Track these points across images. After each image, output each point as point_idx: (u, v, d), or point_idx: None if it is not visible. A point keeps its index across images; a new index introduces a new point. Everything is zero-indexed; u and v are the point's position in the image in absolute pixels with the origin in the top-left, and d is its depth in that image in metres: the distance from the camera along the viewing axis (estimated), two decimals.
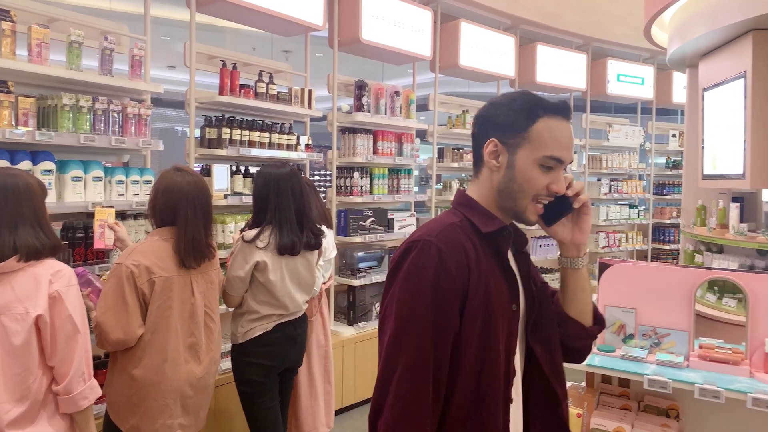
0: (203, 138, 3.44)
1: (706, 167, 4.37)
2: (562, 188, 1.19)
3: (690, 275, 1.99)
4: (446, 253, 1.12)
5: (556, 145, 1.17)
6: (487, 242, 1.19)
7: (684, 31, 4.18)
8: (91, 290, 2.20)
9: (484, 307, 1.13)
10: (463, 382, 1.13)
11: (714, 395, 1.75)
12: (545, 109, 1.18)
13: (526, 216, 1.21)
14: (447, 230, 1.17)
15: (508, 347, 1.18)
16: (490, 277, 1.16)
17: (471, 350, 1.12)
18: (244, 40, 8.90)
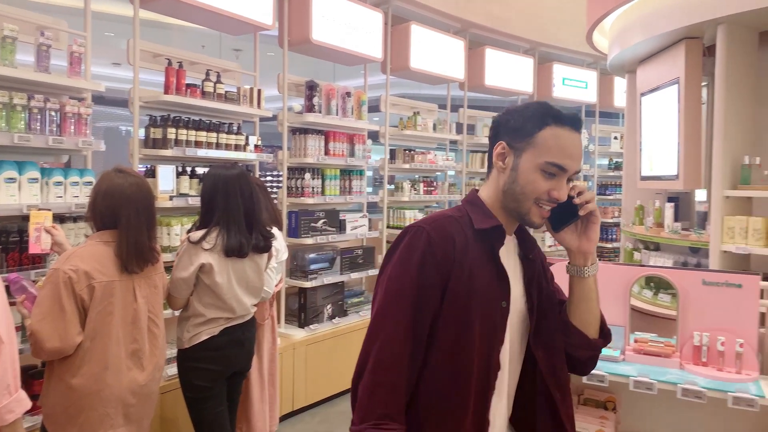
0: (148, 138, 3.35)
1: (643, 169, 4.57)
2: (562, 195, 1.23)
3: (625, 272, 2.08)
4: (435, 240, 1.21)
5: (559, 153, 1.22)
6: (480, 238, 1.25)
7: (623, 38, 4.36)
8: (26, 297, 2.11)
9: (464, 295, 1.21)
10: (436, 360, 1.21)
11: (647, 387, 1.84)
12: (554, 117, 1.23)
13: (529, 218, 1.25)
14: (442, 221, 1.26)
15: (491, 339, 1.24)
16: (477, 269, 1.23)
17: (447, 332, 1.21)
18: (192, 37, 8.69)
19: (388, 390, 1.17)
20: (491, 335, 1.24)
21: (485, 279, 1.23)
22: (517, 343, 1.32)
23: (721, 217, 3.39)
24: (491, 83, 6.05)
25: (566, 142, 1.22)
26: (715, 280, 1.94)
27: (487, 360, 1.23)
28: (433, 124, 5.60)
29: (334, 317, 4.45)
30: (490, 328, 1.24)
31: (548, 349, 1.31)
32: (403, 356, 1.18)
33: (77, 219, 2.85)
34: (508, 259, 1.31)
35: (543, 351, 1.31)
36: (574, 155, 1.23)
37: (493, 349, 1.24)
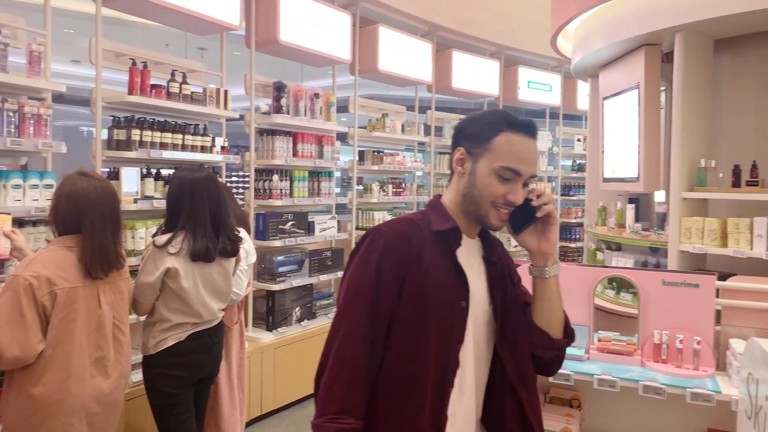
0: (111, 139, 3.28)
1: (606, 171, 4.70)
2: (518, 198, 1.28)
3: (589, 273, 2.14)
4: (392, 242, 1.27)
5: (513, 158, 1.27)
6: (438, 239, 1.31)
7: (586, 43, 4.48)
8: None
9: (420, 294, 1.26)
10: (392, 356, 1.26)
11: (610, 385, 1.89)
12: (509, 124, 1.29)
13: (488, 221, 1.31)
14: (401, 223, 1.32)
15: (449, 338, 1.28)
16: (434, 269, 1.28)
17: (403, 330, 1.26)
18: (156, 36, 8.52)
19: (346, 386, 1.22)
20: (449, 334, 1.28)
21: (442, 279, 1.28)
22: (482, 343, 1.35)
23: (678, 218, 3.52)
24: (458, 86, 6.12)
25: (520, 147, 1.28)
26: (674, 280, 2.01)
27: (445, 358, 1.27)
28: (401, 125, 5.63)
29: (302, 320, 4.43)
30: (448, 327, 1.28)
31: (514, 350, 1.35)
32: (361, 353, 1.24)
33: (37, 223, 2.77)
34: (471, 261, 1.35)
35: (508, 352, 1.34)
36: (529, 160, 1.28)
37: (451, 348, 1.28)
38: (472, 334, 1.32)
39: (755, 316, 1.96)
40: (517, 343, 1.36)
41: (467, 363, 1.32)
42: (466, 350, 1.31)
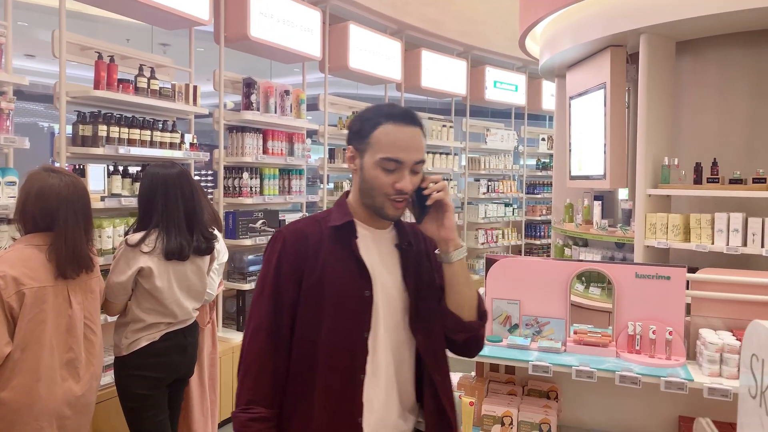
0: (76, 135, 3.17)
1: (573, 169, 4.81)
2: (405, 186, 1.31)
3: (565, 267, 2.18)
4: (289, 241, 1.36)
5: (391, 148, 1.31)
6: (336, 234, 1.37)
7: (553, 44, 4.57)
8: None
9: (316, 287, 1.33)
10: (298, 347, 1.34)
11: (588, 375, 1.94)
12: (386, 116, 1.33)
13: (385, 212, 1.35)
14: (300, 223, 1.41)
15: (354, 327, 1.34)
16: (332, 263, 1.35)
17: (303, 322, 1.34)
18: (117, 30, 8.27)
19: (254, 377, 1.33)
20: (353, 322, 1.34)
21: (339, 271, 1.34)
22: (397, 329, 1.39)
23: (644, 214, 3.63)
24: (427, 85, 6.16)
25: (398, 136, 1.32)
26: (646, 273, 2.08)
27: (352, 345, 1.33)
28: None
29: None
30: (351, 317, 1.34)
31: (428, 334, 1.40)
32: (265, 346, 1.33)
33: (2, 221, 2.65)
34: (380, 251, 1.41)
35: (422, 335, 1.40)
36: (409, 147, 1.32)
37: (357, 336, 1.34)
38: (383, 322, 1.37)
39: (723, 306, 2.04)
40: (432, 327, 1.41)
41: (379, 349, 1.36)
42: (377, 337, 1.36)
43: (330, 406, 1.32)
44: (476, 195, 7.23)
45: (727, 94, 3.79)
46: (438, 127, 6.52)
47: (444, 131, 6.58)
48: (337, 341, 1.33)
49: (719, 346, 1.90)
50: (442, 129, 6.56)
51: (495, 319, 2.27)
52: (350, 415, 1.32)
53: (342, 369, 1.33)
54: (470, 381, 2.28)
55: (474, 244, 7.12)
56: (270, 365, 1.33)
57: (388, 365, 1.37)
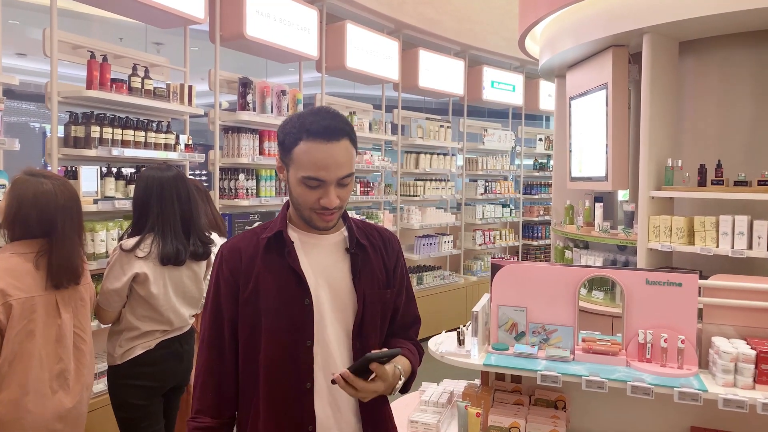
0: (68, 136, 3.09)
1: (573, 170, 4.76)
2: (330, 203, 1.28)
3: (573, 273, 2.12)
4: (225, 258, 1.38)
5: (312, 167, 1.26)
6: (270, 245, 1.36)
7: (553, 44, 4.52)
8: None
9: (252, 301, 1.33)
10: (243, 359, 1.36)
11: (598, 386, 1.88)
12: (307, 132, 1.27)
13: (314, 224, 1.34)
14: (238, 238, 1.41)
15: (296, 336, 1.32)
16: (265, 275, 1.34)
17: (243, 333, 1.35)
18: (109, 29, 8.17)
19: (201, 389, 1.37)
20: (294, 333, 1.32)
21: (272, 282, 1.33)
22: (349, 336, 1.38)
23: (647, 216, 3.58)
24: (425, 84, 6.10)
25: (318, 154, 1.26)
26: (657, 279, 2.02)
27: (294, 355, 1.32)
28: (368, 124, 5.56)
29: None
30: (291, 327, 1.32)
31: (364, 341, 1.39)
32: (209, 358, 1.37)
33: None
34: (325, 256, 1.38)
35: (360, 342, 1.38)
36: (329, 165, 1.26)
37: (300, 345, 1.32)
38: (331, 329, 1.35)
39: (737, 313, 1.99)
40: (369, 339, 1.39)
41: (329, 357, 1.35)
42: (325, 345, 1.34)
43: (275, 416, 1.32)
44: (474, 196, 7.18)
45: (732, 95, 3.74)
46: (435, 127, 6.46)
47: (441, 131, 6.52)
48: (276, 351, 1.32)
49: (733, 355, 1.84)
50: (439, 129, 6.50)
51: (501, 327, 2.21)
52: (299, 424, 1.31)
53: (284, 379, 1.32)
54: (475, 390, 2.22)
55: (471, 245, 7.06)
56: (213, 378, 1.36)
57: (319, 373, 1.35)
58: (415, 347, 1.54)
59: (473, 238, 7.10)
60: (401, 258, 1.52)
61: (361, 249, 1.42)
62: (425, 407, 2.36)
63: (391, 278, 1.46)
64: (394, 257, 1.49)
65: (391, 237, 1.52)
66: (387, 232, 1.53)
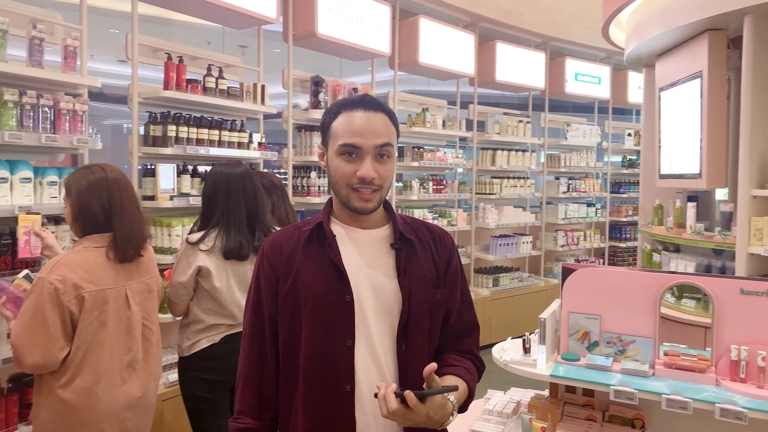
0: (147, 135, 3.23)
1: (663, 167, 4.40)
2: (366, 173, 1.24)
3: (655, 280, 1.92)
4: (266, 253, 1.35)
5: (348, 133, 1.25)
6: (310, 238, 1.32)
7: (641, 30, 4.19)
8: (6, 298, 1.99)
9: (291, 296, 1.29)
10: (284, 358, 1.32)
11: (681, 406, 1.68)
12: (344, 105, 1.29)
13: (352, 204, 1.28)
14: (280, 233, 1.38)
15: (335, 333, 1.26)
16: (306, 270, 1.29)
17: (284, 331, 1.31)
18: (197, 35, 8.59)
19: (242, 389, 1.35)
20: (333, 331, 1.27)
21: (315, 277, 1.28)
22: (394, 337, 1.30)
23: (747, 217, 3.22)
24: (502, 78, 5.89)
25: (354, 121, 1.25)
26: (754, 289, 1.78)
27: (333, 355, 1.26)
28: (442, 120, 5.45)
29: None
30: (330, 324, 1.27)
31: (411, 348, 1.30)
32: (249, 359, 1.34)
33: None
34: (369, 252, 1.32)
35: (405, 344, 1.30)
36: (364, 131, 1.24)
37: (338, 344, 1.26)
38: (374, 329, 1.28)
39: None
40: (415, 342, 1.31)
41: (371, 359, 1.27)
42: (368, 345, 1.27)
43: (314, 420, 1.27)
44: (556, 194, 6.86)
45: None
46: (514, 122, 6.23)
47: (520, 127, 6.28)
48: (315, 350, 1.27)
49: None
50: (518, 125, 6.26)
51: (572, 335, 2.04)
52: (339, 429, 1.26)
53: (323, 380, 1.26)
54: (543, 402, 2.07)
55: (553, 247, 6.75)
56: (254, 377, 1.33)
57: (384, 377, 1.28)
58: (473, 363, 1.42)
59: (555, 239, 6.78)
60: (455, 257, 1.42)
61: (407, 244, 1.34)
62: (489, 416, 2.23)
63: (441, 278, 1.37)
64: (446, 256, 1.39)
65: (443, 234, 1.43)
66: (438, 229, 1.44)
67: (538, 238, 6.75)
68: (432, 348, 1.37)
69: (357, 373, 1.26)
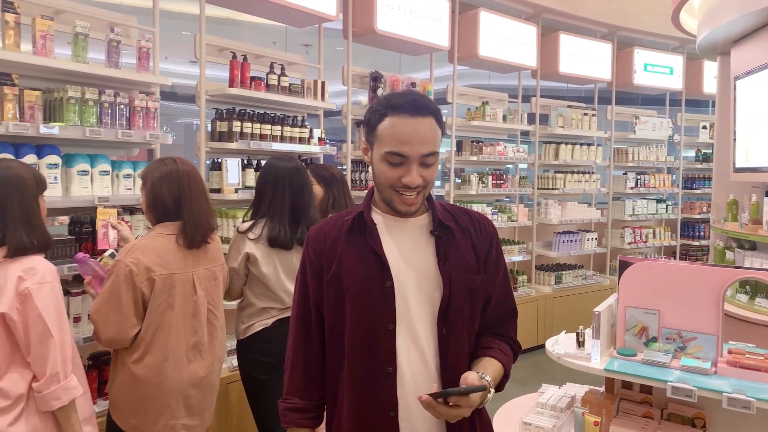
0: (214, 131, 3.39)
1: (738, 160, 4.16)
2: (411, 181, 1.26)
3: (718, 275, 1.85)
4: (311, 241, 1.41)
5: (395, 142, 1.26)
6: (353, 228, 1.37)
7: (714, 16, 3.98)
8: (93, 277, 2.17)
9: (335, 282, 1.34)
10: (329, 341, 1.38)
11: (744, 405, 1.61)
12: (392, 107, 1.27)
13: (395, 206, 1.32)
14: (324, 222, 1.44)
15: (377, 318, 1.30)
16: (348, 257, 1.34)
17: (328, 315, 1.37)
18: (263, 35, 8.87)
19: (290, 370, 1.42)
20: (375, 315, 1.31)
21: (357, 264, 1.33)
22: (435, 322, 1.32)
23: None
24: (566, 71, 5.74)
25: (402, 128, 1.25)
26: None
27: (376, 338, 1.30)
28: (502, 114, 5.38)
29: None
30: (372, 309, 1.31)
31: (452, 332, 1.33)
32: (297, 341, 1.42)
33: None
34: (409, 239, 1.35)
35: (446, 328, 1.33)
36: (412, 140, 1.25)
37: (379, 328, 1.30)
38: (416, 314, 1.31)
39: None
40: (456, 326, 1.33)
41: (412, 342, 1.31)
42: (409, 330, 1.31)
43: (359, 399, 1.32)
44: (623, 189, 6.61)
45: None
46: (578, 115, 6.05)
47: (585, 120, 6.10)
48: (358, 333, 1.32)
49: None
50: (582, 117, 6.08)
51: (628, 330, 1.99)
52: (381, 409, 1.30)
53: (366, 362, 1.32)
54: (597, 397, 2.03)
55: (620, 244, 6.51)
56: (301, 358, 1.41)
57: (425, 359, 1.32)
58: (509, 345, 1.44)
59: (621, 236, 6.54)
60: (496, 243, 1.44)
61: (446, 231, 1.37)
62: (542, 410, 2.22)
63: (482, 263, 1.39)
64: (486, 242, 1.41)
65: (483, 220, 1.45)
66: (479, 215, 1.46)
67: (603, 235, 6.53)
68: (473, 332, 1.39)
69: (398, 356, 1.30)
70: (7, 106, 2.39)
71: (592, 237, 6.15)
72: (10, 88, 2.40)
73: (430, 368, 1.32)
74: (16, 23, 2.43)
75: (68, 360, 1.80)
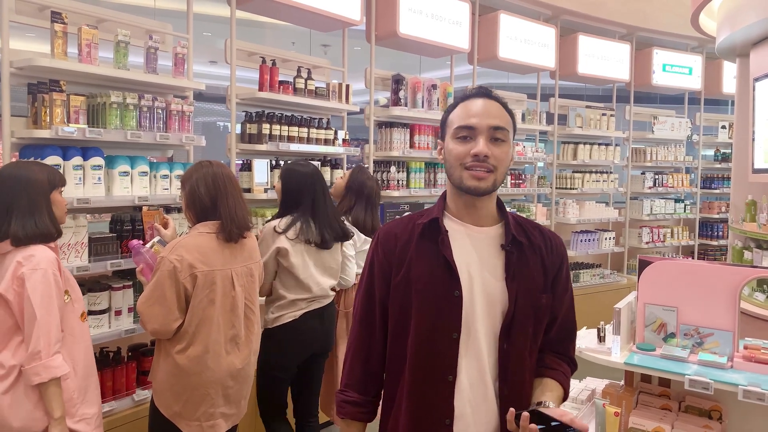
0: (244, 133, 3.52)
1: (756, 160, 4.20)
2: (480, 150, 1.28)
3: (735, 273, 1.92)
4: (381, 241, 1.43)
5: (464, 117, 1.32)
6: (425, 233, 1.38)
7: (734, 18, 4.02)
8: (144, 266, 2.31)
9: (403, 285, 1.35)
10: (392, 344, 1.40)
11: (759, 398, 1.70)
12: (462, 98, 1.37)
13: (465, 184, 1.31)
14: (394, 223, 1.45)
15: (442, 326, 1.31)
16: (418, 261, 1.35)
17: (393, 316, 1.39)
18: (283, 35, 9.01)
19: (350, 363, 1.45)
20: (440, 323, 1.32)
21: (427, 269, 1.34)
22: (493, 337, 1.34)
23: None
24: (584, 71, 5.79)
25: (469, 106, 1.33)
26: None
27: (439, 346, 1.32)
28: (521, 114, 5.45)
29: None
30: (438, 316, 1.32)
31: (512, 344, 1.33)
32: (358, 339, 1.44)
33: (181, 209, 3.04)
34: (480, 250, 1.36)
35: (507, 344, 1.34)
36: (479, 113, 1.31)
37: (443, 336, 1.31)
38: (482, 326, 1.32)
39: None
40: (517, 344, 1.34)
41: (475, 354, 1.32)
42: (474, 341, 1.32)
43: (416, 403, 1.34)
44: (641, 189, 6.64)
45: None
46: (597, 115, 6.10)
47: (603, 120, 6.14)
48: (422, 339, 1.33)
49: None
50: (601, 118, 6.13)
51: (648, 326, 2.08)
52: (437, 417, 1.31)
53: (427, 368, 1.32)
54: (617, 390, 2.13)
55: (637, 243, 6.55)
56: (362, 353, 1.43)
57: (484, 372, 1.32)
58: (569, 366, 1.47)
59: (639, 236, 6.58)
60: (565, 263, 1.43)
61: (518, 246, 1.36)
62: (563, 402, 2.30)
63: (549, 282, 1.39)
64: (557, 261, 1.41)
65: (555, 239, 1.43)
66: (550, 233, 1.45)
67: (621, 235, 6.57)
68: (534, 349, 1.39)
69: (459, 365, 1.31)
70: (56, 111, 2.53)
71: (609, 236, 6.20)
72: (59, 94, 2.54)
73: (488, 381, 1.32)
74: (63, 33, 2.57)
75: (52, 341, 1.92)
